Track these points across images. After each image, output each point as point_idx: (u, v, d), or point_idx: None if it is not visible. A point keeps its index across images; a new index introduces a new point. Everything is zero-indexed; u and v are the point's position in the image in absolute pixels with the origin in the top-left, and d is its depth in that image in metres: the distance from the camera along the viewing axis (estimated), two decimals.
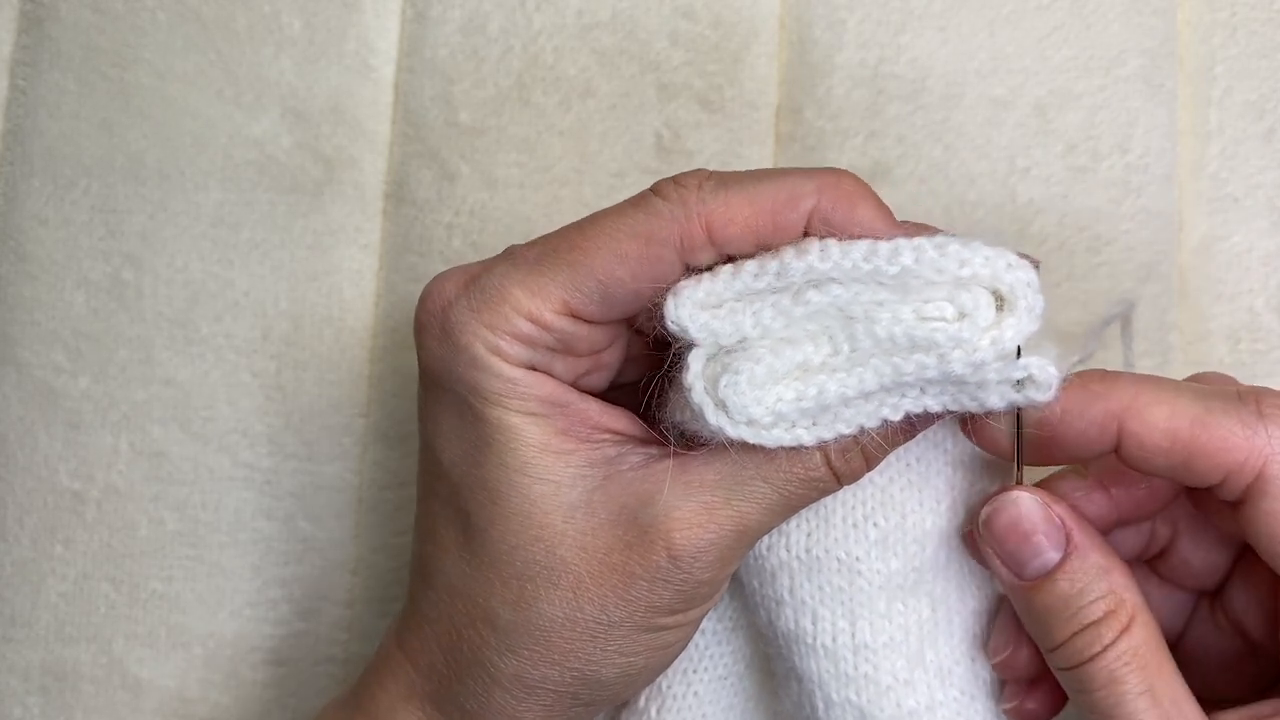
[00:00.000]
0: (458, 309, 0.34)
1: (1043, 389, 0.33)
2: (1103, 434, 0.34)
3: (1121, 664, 0.33)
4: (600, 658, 0.35)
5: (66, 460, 0.48)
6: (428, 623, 0.36)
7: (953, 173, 0.47)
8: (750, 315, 0.33)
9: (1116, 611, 0.34)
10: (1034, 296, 0.32)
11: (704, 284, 0.33)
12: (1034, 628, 0.36)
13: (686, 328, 0.33)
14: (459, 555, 0.35)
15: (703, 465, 0.34)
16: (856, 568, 0.38)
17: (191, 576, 0.48)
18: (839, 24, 0.48)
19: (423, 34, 0.49)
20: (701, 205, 0.32)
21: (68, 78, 0.50)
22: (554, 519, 0.34)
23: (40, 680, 0.48)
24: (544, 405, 0.34)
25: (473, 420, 0.34)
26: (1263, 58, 0.47)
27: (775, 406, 0.33)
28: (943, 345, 0.32)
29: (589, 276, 0.33)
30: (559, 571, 0.34)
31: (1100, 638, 0.34)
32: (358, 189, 0.49)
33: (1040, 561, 0.35)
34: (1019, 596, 0.36)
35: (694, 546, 0.33)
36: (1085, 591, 0.34)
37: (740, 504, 0.34)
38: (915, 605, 0.38)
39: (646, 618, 0.34)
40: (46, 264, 0.49)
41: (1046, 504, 0.35)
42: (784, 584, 0.38)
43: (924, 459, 0.39)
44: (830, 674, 0.38)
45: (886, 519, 0.38)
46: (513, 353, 0.33)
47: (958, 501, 0.39)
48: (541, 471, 0.34)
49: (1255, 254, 0.46)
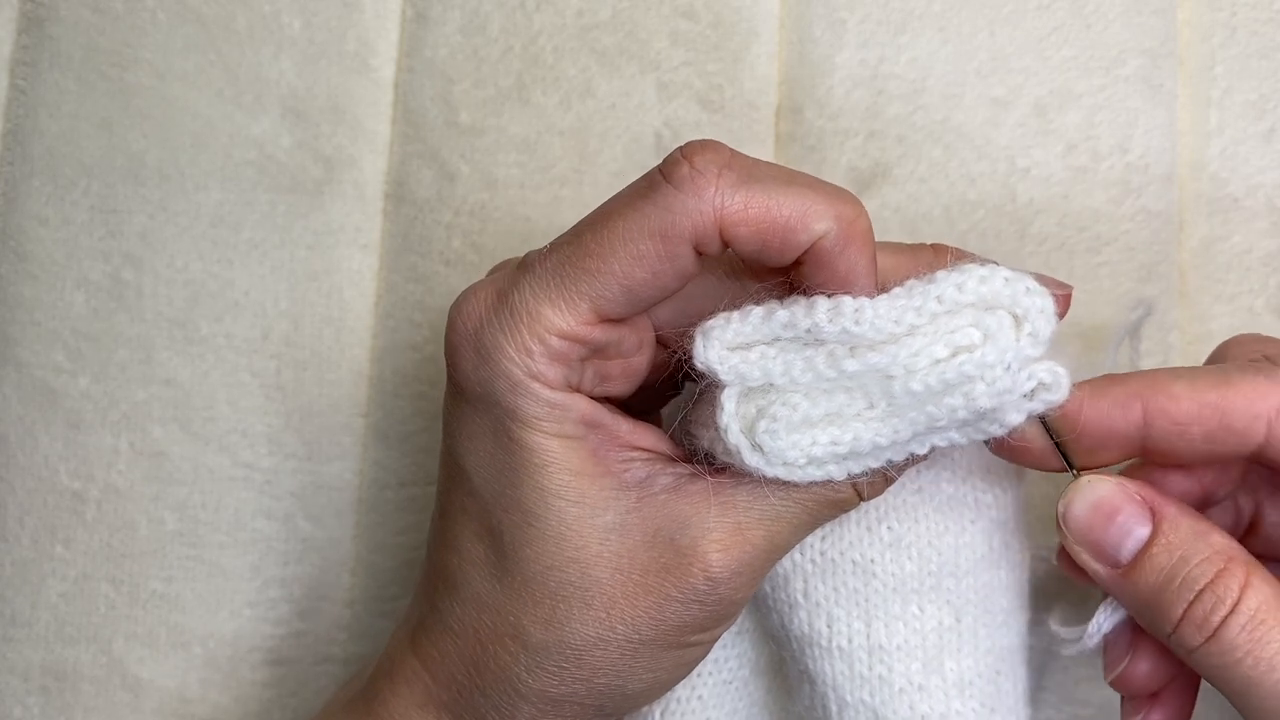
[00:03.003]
0: (490, 331, 0.33)
1: (1055, 390, 0.33)
2: (1127, 416, 0.33)
3: (1257, 622, 0.31)
4: (628, 674, 0.35)
5: (66, 460, 0.48)
6: (450, 634, 0.36)
7: (953, 173, 0.47)
8: (781, 364, 0.33)
9: (1229, 569, 0.32)
10: (1047, 323, 0.33)
11: (733, 325, 0.33)
12: (1147, 617, 0.33)
13: (715, 370, 0.33)
14: (488, 571, 0.35)
15: (733, 487, 0.34)
16: (871, 569, 0.38)
17: (191, 576, 0.48)
18: (839, 24, 0.48)
19: (423, 34, 0.49)
20: (719, 199, 0.31)
21: (68, 78, 0.50)
22: (589, 541, 0.34)
23: (40, 680, 0.48)
24: (579, 427, 0.34)
25: (507, 443, 0.34)
26: (1263, 58, 0.47)
27: (810, 450, 0.33)
28: (972, 376, 0.32)
29: (611, 281, 0.32)
30: (593, 593, 0.34)
31: (1221, 601, 0.31)
32: (358, 189, 0.49)
33: (1132, 540, 0.33)
34: (1122, 590, 0.34)
35: (730, 568, 0.34)
36: (1188, 558, 0.32)
37: (771, 524, 0.34)
38: (935, 612, 0.38)
39: (677, 636, 0.35)
40: (46, 264, 0.49)
41: (1122, 482, 0.34)
42: (798, 587, 0.39)
43: (934, 464, 0.39)
44: (845, 675, 0.38)
45: (900, 522, 0.38)
46: (550, 374, 0.33)
47: (970, 505, 0.39)
48: (576, 495, 0.34)
49: (1255, 254, 0.46)
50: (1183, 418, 0.33)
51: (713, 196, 0.31)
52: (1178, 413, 0.33)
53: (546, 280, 0.33)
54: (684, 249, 0.32)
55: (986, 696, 0.39)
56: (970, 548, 0.39)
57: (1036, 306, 0.33)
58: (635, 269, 0.32)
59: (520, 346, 0.33)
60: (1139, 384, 0.34)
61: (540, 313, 0.33)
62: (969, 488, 0.39)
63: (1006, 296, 0.33)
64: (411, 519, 0.48)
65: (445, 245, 0.48)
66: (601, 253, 0.32)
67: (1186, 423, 0.33)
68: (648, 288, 0.33)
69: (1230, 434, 0.33)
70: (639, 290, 0.33)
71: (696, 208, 0.31)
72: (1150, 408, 0.33)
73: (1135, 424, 0.34)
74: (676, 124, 0.48)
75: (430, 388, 0.48)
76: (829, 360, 0.33)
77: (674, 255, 0.32)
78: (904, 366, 0.33)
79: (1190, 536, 0.33)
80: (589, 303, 0.33)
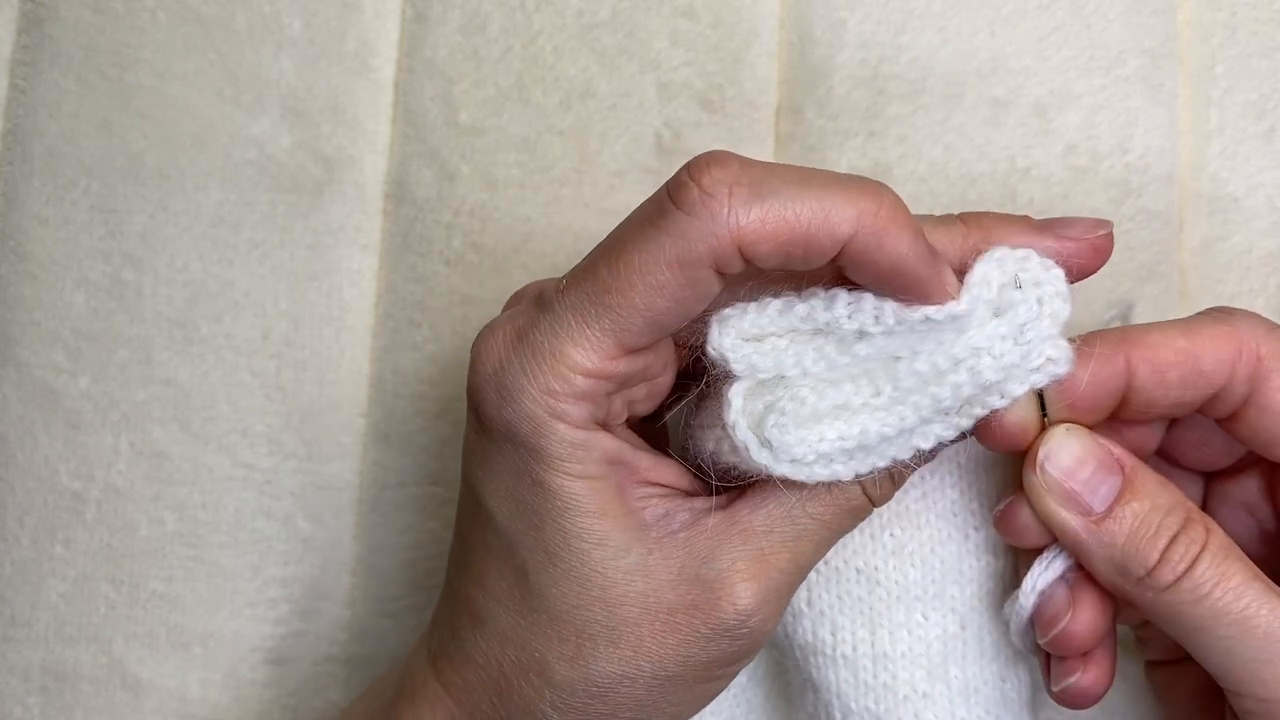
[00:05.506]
0: (512, 372, 0.33)
1: (1061, 364, 0.33)
2: (1113, 367, 0.34)
3: (1222, 557, 0.34)
4: (652, 709, 0.35)
5: (66, 460, 0.48)
6: (474, 665, 0.35)
7: (953, 173, 0.47)
8: (793, 355, 0.33)
9: (1193, 516, 0.34)
10: (1061, 304, 0.33)
11: (750, 315, 0.33)
12: (1119, 561, 0.35)
13: (728, 359, 0.33)
14: (513, 606, 0.35)
15: (750, 513, 0.34)
16: (875, 577, 0.38)
17: (191, 576, 0.48)
18: (839, 24, 0.48)
19: (423, 34, 0.49)
20: (734, 219, 0.30)
21: (68, 78, 0.50)
22: (615, 582, 0.34)
23: (40, 680, 0.48)
24: (602, 466, 0.34)
25: (530, 484, 0.34)
26: (1263, 58, 0.47)
27: (818, 446, 0.33)
28: (980, 349, 0.33)
29: (633, 314, 0.32)
30: (620, 631, 0.34)
31: (1194, 540, 0.34)
32: (358, 189, 0.49)
33: (1106, 489, 0.35)
34: (1093, 537, 0.35)
35: (759, 596, 0.34)
36: (1159, 505, 0.34)
37: (794, 544, 0.34)
38: (939, 619, 0.38)
39: (703, 671, 0.35)
40: (46, 264, 0.49)
41: (1092, 433, 0.35)
42: (802, 596, 0.39)
43: (936, 470, 0.39)
44: (849, 683, 0.38)
45: (903, 529, 0.38)
46: (575, 414, 0.33)
47: (973, 511, 0.39)
48: (599, 538, 0.33)
49: (1255, 254, 0.46)
50: (1161, 363, 0.34)
51: (726, 217, 0.30)
52: (1157, 359, 0.34)
53: (566, 318, 0.32)
54: (703, 273, 0.31)
55: (992, 704, 0.39)
56: (974, 555, 0.39)
57: (1051, 288, 0.33)
58: (656, 299, 0.32)
59: (543, 387, 0.32)
60: (1118, 337, 0.35)
61: (563, 352, 0.32)
62: (971, 495, 0.39)
63: (1023, 276, 0.33)
64: (411, 519, 0.48)
65: (445, 245, 0.48)
66: (620, 287, 0.32)
67: (1165, 368, 0.34)
68: (670, 315, 0.32)
69: (1200, 377, 0.35)
70: (662, 319, 0.32)
71: (712, 231, 0.30)
72: (1133, 357, 0.35)
73: (1120, 375, 0.35)
74: (676, 124, 0.48)
75: (430, 388, 0.48)
76: (839, 346, 0.33)
77: (694, 281, 0.31)
78: (910, 348, 0.33)
79: (1157, 486, 0.35)
80: (613, 337, 0.32)
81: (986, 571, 0.39)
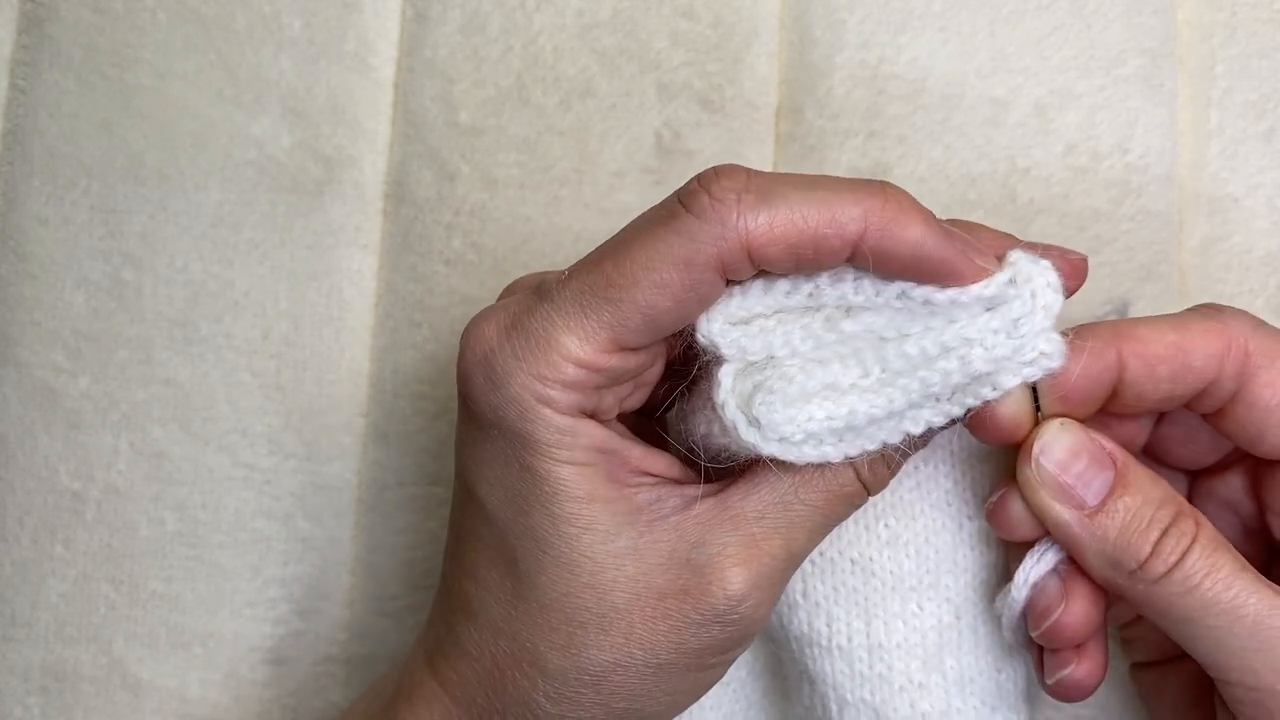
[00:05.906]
0: (503, 356, 0.33)
1: (1054, 358, 0.34)
2: (1105, 361, 0.35)
3: (1212, 549, 0.34)
4: (646, 697, 0.35)
5: (66, 460, 0.48)
6: (468, 658, 0.36)
7: (953, 173, 0.47)
8: (781, 335, 0.33)
9: (1183, 510, 0.35)
10: (1053, 296, 0.33)
11: (735, 299, 0.33)
12: (1111, 554, 0.35)
13: (717, 344, 0.33)
14: (504, 597, 0.35)
15: (742, 498, 0.34)
16: (870, 568, 0.38)
17: (191, 576, 0.48)
18: (839, 24, 0.48)
19: (423, 34, 0.49)
20: (742, 224, 0.31)
21: (68, 78, 0.50)
22: (604, 567, 0.34)
23: (40, 680, 0.48)
24: (590, 453, 0.34)
25: (519, 470, 0.34)
26: (1263, 58, 0.47)
27: (806, 425, 0.33)
28: (971, 339, 0.33)
29: (633, 311, 0.32)
30: (610, 618, 0.34)
31: (1185, 533, 0.34)
32: (358, 189, 0.49)
33: (1099, 482, 0.35)
34: (1086, 530, 0.35)
35: (750, 582, 0.34)
36: (1151, 499, 0.35)
37: (786, 530, 0.34)
38: (934, 609, 0.38)
39: (696, 659, 0.34)
40: (46, 264, 0.49)
41: (1085, 427, 0.36)
42: (797, 588, 0.39)
43: (930, 459, 0.39)
44: (845, 674, 0.38)
45: (897, 519, 0.38)
46: (563, 401, 0.33)
47: (967, 500, 0.39)
48: (588, 522, 0.34)
49: (1255, 254, 0.46)
50: (1153, 358, 0.35)
51: (735, 222, 0.31)
52: (1148, 353, 0.35)
53: (565, 307, 0.33)
54: (709, 276, 0.32)
55: (987, 694, 0.39)
56: (968, 545, 0.39)
57: (1043, 280, 0.33)
58: (658, 298, 0.32)
59: (532, 372, 0.33)
60: (1109, 331, 0.35)
61: (557, 339, 0.32)
62: (965, 484, 0.39)
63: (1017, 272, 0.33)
64: (411, 519, 0.48)
65: (445, 245, 0.48)
66: (623, 281, 0.32)
67: (1156, 362, 0.35)
68: (669, 316, 0.32)
69: (1190, 372, 0.35)
70: (660, 319, 0.32)
71: (721, 234, 0.31)
72: (1124, 351, 0.35)
73: (1112, 368, 0.35)
74: (676, 124, 0.48)
75: (430, 388, 0.48)
76: (826, 324, 0.33)
77: (698, 283, 0.32)
78: (898, 329, 0.33)
79: (1148, 480, 0.35)
80: (609, 331, 0.32)
81: (981, 562, 0.39)
